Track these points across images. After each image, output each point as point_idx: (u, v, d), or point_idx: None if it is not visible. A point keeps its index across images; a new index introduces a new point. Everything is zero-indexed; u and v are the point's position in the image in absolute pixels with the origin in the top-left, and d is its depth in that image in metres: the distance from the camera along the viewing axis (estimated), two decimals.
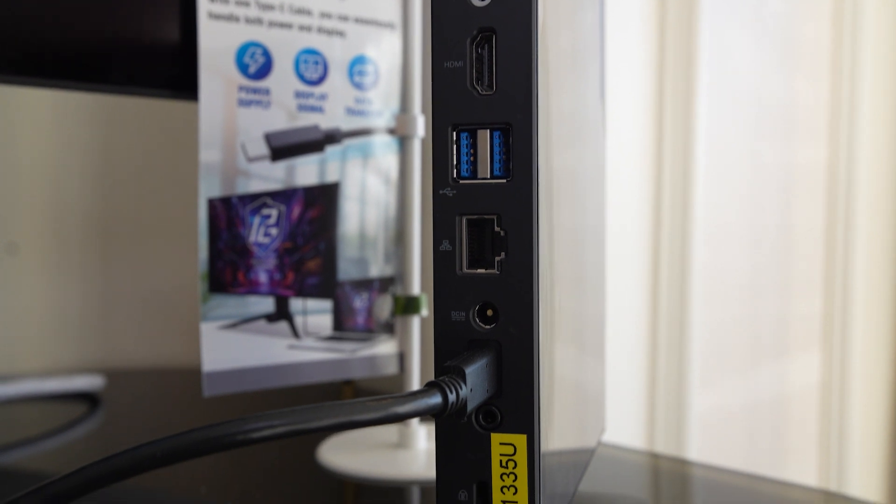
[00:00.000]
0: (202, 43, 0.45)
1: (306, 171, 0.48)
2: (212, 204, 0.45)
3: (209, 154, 0.45)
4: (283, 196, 0.47)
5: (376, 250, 0.50)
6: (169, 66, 0.47)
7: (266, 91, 0.47)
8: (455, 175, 0.27)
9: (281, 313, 0.48)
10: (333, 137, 0.49)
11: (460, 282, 0.27)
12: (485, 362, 0.26)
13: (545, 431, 0.28)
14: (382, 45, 0.51)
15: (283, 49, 0.47)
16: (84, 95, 0.78)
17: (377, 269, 0.51)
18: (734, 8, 0.82)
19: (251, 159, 0.46)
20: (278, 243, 0.47)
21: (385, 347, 0.51)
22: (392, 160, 0.51)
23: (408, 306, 0.51)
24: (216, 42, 0.45)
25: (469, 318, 0.27)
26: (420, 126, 0.51)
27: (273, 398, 0.58)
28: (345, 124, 0.49)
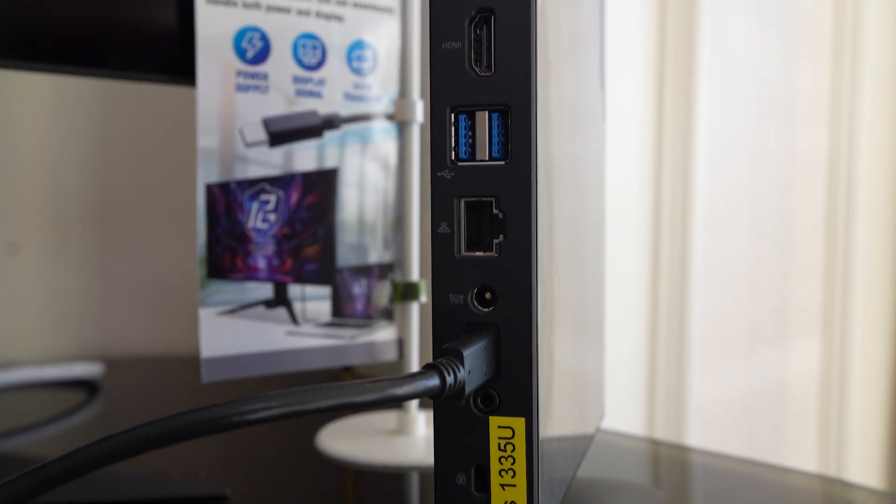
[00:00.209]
0: (200, 27, 0.45)
1: (305, 157, 0.48)
2: (210, 189, 0.45)
3: (207, 139, 0.45)
4: (282, 182, 0.47)
5: (375, 236, 0.50)
6: (166, 51, 0.47)
7: (264, 76, 0.46)
8: (453, 157, 0.27)
9: (279, 299, 0.47)
10: (332, 123, 0.49)
11: (458, 264, 0.27)
12: (483, 345, 0.26)
13: (544, 415, 0.27)
14: (381, 30, 0.50)
15: (281, 34, 0.47)
16: (82, 82, 0.78)
17: (376, 256, 0.50)
18: None
19: (249, 145, 0.46)
20: (277, 229, 0.47)
21: (384, 334, 0.51)
22: (391, 146, 0.51)
23: (407, 292, 0.50)
24: (214, 27, 0.45)
25: (467, 301, 0.27)
26: (419, 111, 0.50)
27: (272, 385, 0.58)
28: (343, 110, 0.49)
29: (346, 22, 0.49)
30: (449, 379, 0.24)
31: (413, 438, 0.50)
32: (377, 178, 0.50)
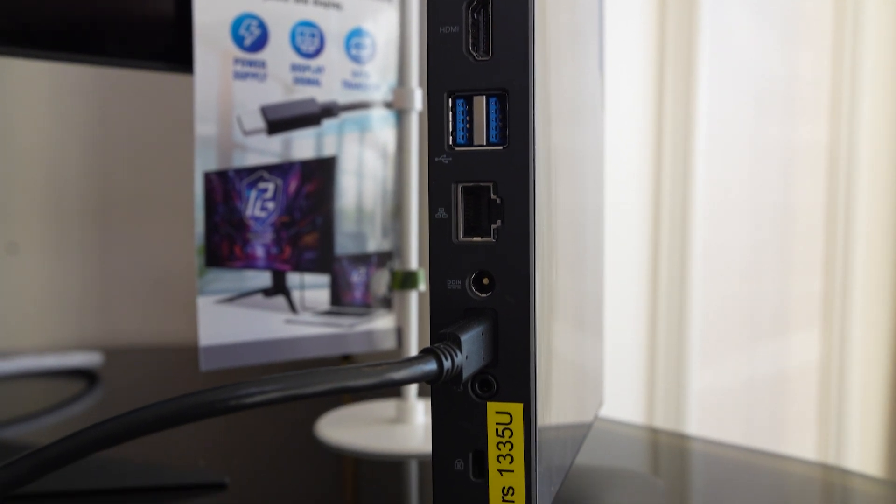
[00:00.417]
0: (197, 15, 0.44)
1: (303, 145, 0.48)
2: (208, 177, 0.45)
3: (205, 127, 0.45)
4: (280, 170, 0.47)
5: (374, 225, 0.50)
6: (164, 39, 0.47)
7: (262, 64, 0.46)
8: (451, 142, 0.27)
9: (278, 288, 0.47)
10: (330, 111, 0.48)
11: (456, 250, 0.27)
12: (481, 330, 0.26)
13: (542, 401, 0.27)
14: (379, 18, 0.50)
15: (279, 21, 0.47)
16: (79, 72, 0.78)
17: (375, 244, 0.50)
18: None
19: (247, 132, 0.46)
20: (275, 217, 0.47)
21: (383, 322, 0.51)
22: (389, 134, 0.50)
23: (405, 281, 0.50)
24: (211, 14, 0.45)
25: (465, 287, 0.27)
26: (417, 99, 0.50)
27: (270, 373, 0.58)
28: (342, 98, 0.49)
29: (345, 10, 0.49)
30: (446, 364, 0.24)
31: (412, 427, 0.50)
32: (376, 167, 0.50)
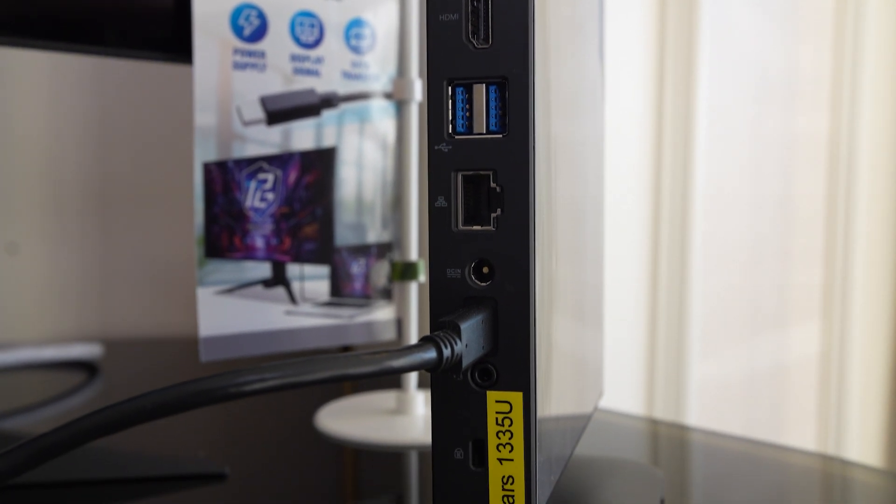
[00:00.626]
0: (196, 5, 0.44)
1: (303, 136, 0.48)
2: (207, 168, 0.45)
3: (204, 118, 0.45)
4: (280, 160, 0.47)
5: (374, 216, 0.50)
6: (163, 29, 0.46)
7: (261, 54, 0.46)
8: (450, 130, 0.27)
9: (278, 279, 0.47)
10: (330, 101, 0.48)
11: (456, 238, 0.27)
12: (480, 319, 0.26)
13: (541, 390, 0.27)
14: (379, 9, 0.50)
15: (279, 11, 0.47)
16: (79, 62, 0.78)
17: (374, 235, 0.50)
18: None
19: (247, 123, 0.46)
20: (275, 208, 0.47)
21: (382, 313, 0.51)
22: (389, 125, 0.50)
23: (405, 272, 0.50)
24: (210, 4, 0.45)
25: (465, 276, 0.27)
26: (417, 90, 0.50)
27: None
28: (341, 88, 0.49)
29: (344, 0, 0.49)
30: (446, 352, 0.24)
31: (412, 418, 0.50)
32: (375, 158, 0.50)
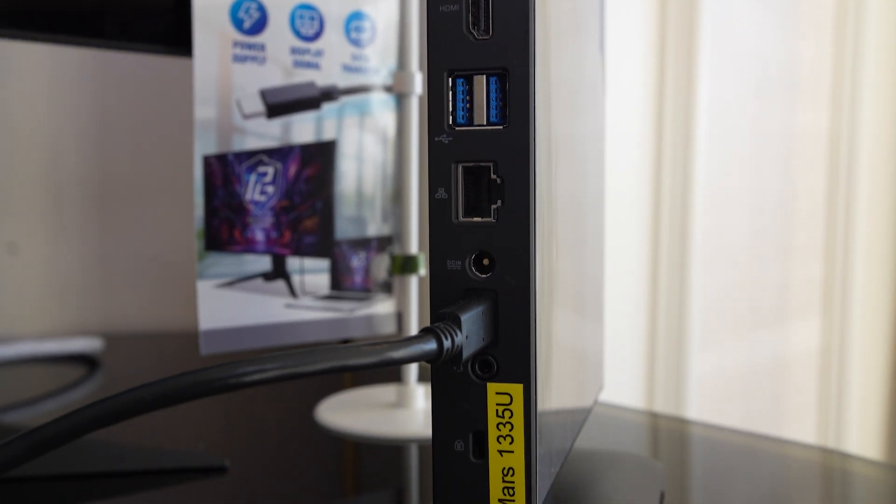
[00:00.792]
0: None
1: (303, 129, 0.47)
2: (207, 161, 0.45)
3: (204, 110, 0.45)
4: (280, 154, 0.47)
5: (374, 209, 0.50)
6: (163, 22, 0.46)
7: (261, 47, 0.46)
8: (451, 122, 0.27)
9: (278, 272, 0.47)
10: (330, 95, 0.48)
11: (456, 230, 0.27)
12: (481, 310, 0.26)
13: (542, 383, 0.27)
14: (379, 2, 0.50)
15: (279, 4, 0.46)
16: (80, 56, 0.78)
17: (375, 228, 0.50)
18: None
19: (247, 116, 0.46)
20: (275, 201, 0.47)
21: (383, 307, 0.51)
22: (389, 118, 0.50)
23: (405, 265, 0.50)
24: None
25: (465, 267, 0.27)
26: (417, 83, 0.50)
27: None
28: (341, 81, 0.49)
29: None
30: (446, 343, 0.24)
31: (412, 411, 0.50)
32: (376, 151, 0.50)
